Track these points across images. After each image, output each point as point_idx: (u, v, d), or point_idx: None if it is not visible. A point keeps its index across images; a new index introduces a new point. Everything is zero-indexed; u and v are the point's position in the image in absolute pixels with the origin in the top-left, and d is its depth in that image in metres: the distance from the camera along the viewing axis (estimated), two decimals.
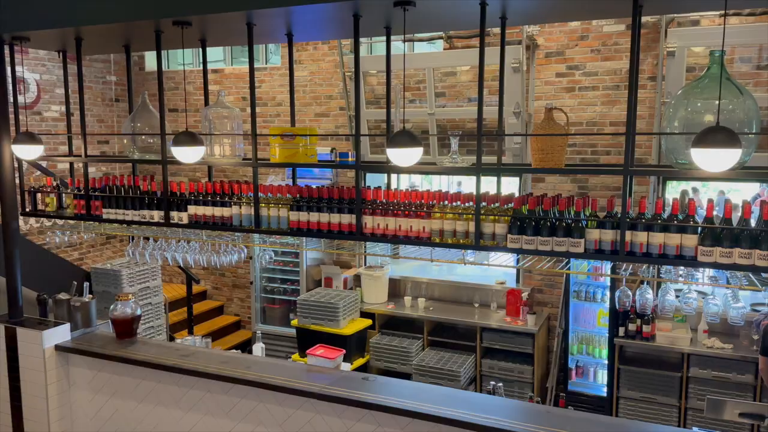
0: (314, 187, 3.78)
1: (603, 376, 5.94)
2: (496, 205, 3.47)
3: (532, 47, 6.02)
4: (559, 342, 6.05)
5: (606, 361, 5.80)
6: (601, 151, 6.01)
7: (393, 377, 4.10)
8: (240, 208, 3.87)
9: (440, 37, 6.46)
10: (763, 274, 4.26)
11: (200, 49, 4.25)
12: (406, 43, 6.54)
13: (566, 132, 3.38)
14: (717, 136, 2.48)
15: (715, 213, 2.99)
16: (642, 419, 5.42)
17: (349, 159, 3.81)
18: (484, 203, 3.43)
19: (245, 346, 7.52)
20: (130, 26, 3.72)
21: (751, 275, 3.14)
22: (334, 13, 3.37)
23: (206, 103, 4.32)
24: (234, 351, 4.62)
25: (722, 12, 2.93)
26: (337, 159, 3.87)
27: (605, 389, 5.81)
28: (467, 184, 7.09)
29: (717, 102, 2.72)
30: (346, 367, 5.06)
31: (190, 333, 6.89)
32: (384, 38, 3.69)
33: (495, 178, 3.59)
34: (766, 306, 5.39)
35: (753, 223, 2.89)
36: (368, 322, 6.36)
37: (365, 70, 6.65)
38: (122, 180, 4.26)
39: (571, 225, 3.21)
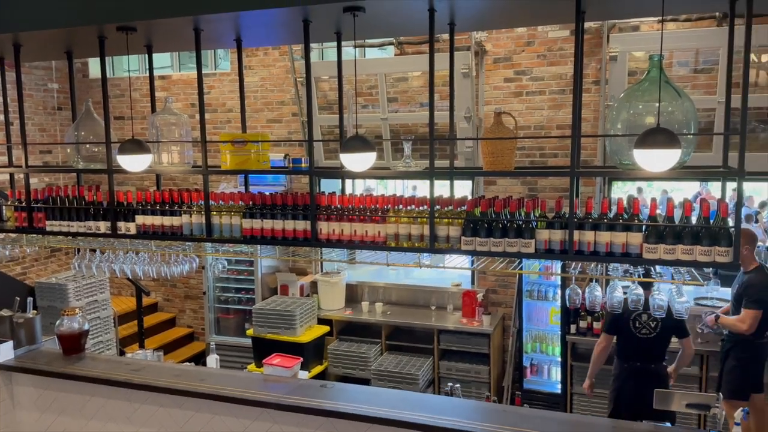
0: (268, 193, 3.73)
1: (557, 373, 6.07)
2: (450, 208, 3.51)
3: (481, 53, 6.13)
4: (513, 341, 6.16)
5: (559, 359, 5.93)
6: (549, 154, 6.16)
7: (352, 383, 4.09)
8: (190, 216, 3.79)
9: (391, 43, 6.51)
10: (705, 269, 4.46)
11: (146, 55, 4.15)
12: (357, 48, 6.57)
13: (515, 135, 3.45)
14: (657, 137, 2.58)
15: (658, 212, 3.10)
16: (595, 414, 5.56)
17: (303, 165, 3.79)
18: (438, 206, 3.46)
19: (199, 359, 7.35)
20: (71, 32, 3.61)
21: (693, 270, 3.27)
22: (284, 19, 3.35)
23: (153, 110, 4.22)
24: (187, 364, 4.52)
25: (660, 18, 3.05)
26: (291, 165, 3.85)
27: (559, 386, 5.94)
28: (422, 188, 7.15)
29: (657, 104, 2.83)
30: (304, 375, 5.02)
31: (141, 347, 6.69)
32: (335, 44, 3.69)
33: (448, 182, 3.63)
34: (709, 300, 5.62)
35: (694, 220, 3.02)
36: (326, 328, 6.32)
37: (317, 75, 6.63)
38: (66, 191, 4.11)
39: (521, 226, 3.27)
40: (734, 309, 4.77)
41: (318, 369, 6.14)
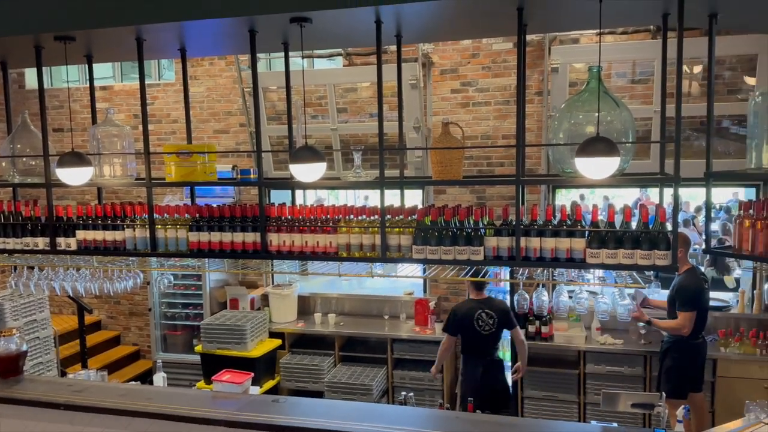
0: (215, 205, 3.67)
1: (508, 378, 6.15)
2: (401, 217, 3.53)
3: (428, 64, 6.21)
4: None
5: (509, 363, 6.02)
6: (496, 163, 6.29)
7: (305, 397, 4.04)
8: (134, 230, 3.68)
9: (339, 54, 6.53)
10: (646, 272, 4.62)
11: (86, 66, 4.02)
12: (305, 59, 6.56)
13: (462, 145, 3.51)
14: (597, 145, 2.67)
15: (600, 217, 3.21)
16: (545, 417, 5.67)
17: (252, 176, 3.75)
18: (389, 216, 3.48)
19: (146, 377, 7.12)
20: (5, 42, 3.47)
21: (634, 274, 3.40)
22: (229, 29, 3.32)
23: (94, 121, 4.09)
24: (133, 383, 4.38)
25: (598, 30, 3.18)
26: (239, 176, 3.80)
27: (510, 390, 6.02)
28: (374, 198, 7.17)
29: (596, 114, 2.94)
30: (255, 390, 4.93)
31: (84, 366, 6.43)
32: (283, 54, 3.68)
33: (399, 191, 3.66)
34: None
35: (634, 225, 3.14)
36: (277, 342, 6.23)
37: (265, 85, 6.57)
38: (2, 206, 3.93)
39: (470, 234, 3.33)
40: (670, 310, 4.96)
41: (270, 384, 6.04)
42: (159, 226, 3.65)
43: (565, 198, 6.96)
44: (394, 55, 3.60)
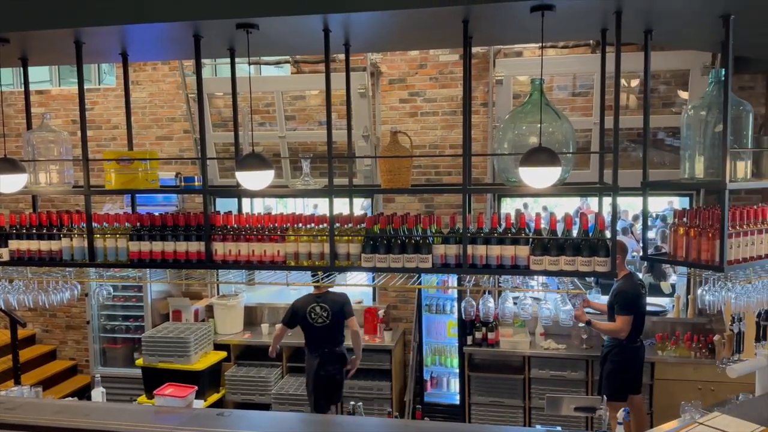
0: (157, 214, 3.57)
1: (455, 385, 6.22)
2: (350, 225, 3.53)
3: (377, 74, 6.25)
4: (414, 355, 6.25)
5: (457, 370, 6.09)
6: (444, 172, 6.38)
7: (251, 409, 3.97)
8: (71, 240, 3.54)
9: (287, 61, 6.48)
10: (587, 278, 4.77)
11: (21, 69, 3.85)
12: (252, 66, 6.48)
13: (411, 154, 3.54)
14: (540, 156, 2.75)
15: (542, 226, 3.30)
16: (492, 423, 5.75)
17: (196, 183, 3.67)
18: (337, 224, 3.47)
19: (83, 393, 6.82)
20: None
21: (576, 280, 3.50)
22: (173, 33, 3.25)
23: (29, 126, 3.91)
24: (70, 399, 4.19)
25: (540, 44, 3.28)
26: (182, 184, 3.71)
27: (458, 397, 6.09)
28: (323, 206, 7.12)
29: (539, 125, 3.03)
30: (199, 404, 4.81)
31: (17, 383, 6.10)
32: (229, 60, 3.63)
33: (348, 200, 3.65)
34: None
35: (575, 233, 3.24)
36: (222, 354, 6.10)
37: (210, 92, 6.46)
38: None
39: (419, 242, 3.36)
40: (609, 315, 5.13)
41: (215, 397, 5.90)
42: (98, 236, 3.52)
43: (510, 206, 7.10)
44: (342, 64, 3.60)
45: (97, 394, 4.58)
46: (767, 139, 3.53)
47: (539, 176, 2.78)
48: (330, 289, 5.17)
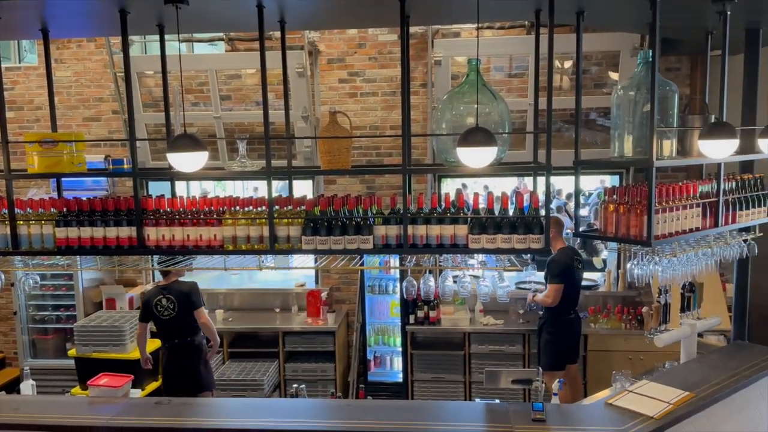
0: (85, 199, 3.41)
1: (398, 363, 6.30)
2: (290, 208, 3.48)
3: (315, 53, 6.15)
4: (357, 336, 6.28)
5: (400, 349, 6.17)
6: (385, 153, 6.38)
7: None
8: None
9: (221, 39, 6.28)
10: (523, 256, 4.89)
11: None
12: (184, 43, 6.24)
13: (351, 135, 3.51)
14: (477, 136, 2.78)
15: (481, 205, 3.35)
16: (434, 398, 5.87)
17: (125, 166, 3.52)
18: (277, 207, 3.42)
19: (13, 387, 6.50)
20: None
21: (512, 258, 3.59)
22: (97, 8, 3.09)
23: None
24: None
25: (476, 25, 3.30)
26: (111, 167, 3.55)
27: (401, 375, 6.18)
28: (264, 189, 6.99)
29: (476, 106, 3.06)
30: (137, 393, 4.68)
31: None
32: (159, 37, 3.47)
33: (287, 182, 3.59)
34: (528, 284, 6.19)
35: (511, 212, 3.31)
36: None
37: (140, 70, 6.18)
38: None
39: (360, 223, 3.35)
40: (545, 287, 5.31)
41: (153, 385, 5.74)
42: (21, 222, 3.34)
43: (450, 186, 7.19)
44: (278, 42, 3.51)
45: (27, 387, 4.39)
46: (692, 119, 3.70)
47: (476, 156, 2.81)
48: (180, 279, 4.99)
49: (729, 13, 3.34)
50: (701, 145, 3.28)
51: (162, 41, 3.44)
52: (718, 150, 3.22)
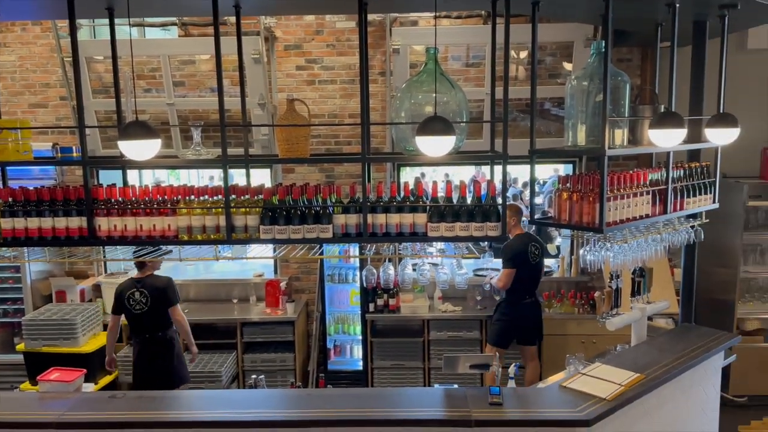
0: (32, 188, 3.28)
1: (358, 351, 6.33)
2: (247, 197, 3.43)
3: (271, 39, 6.05)
4: (317, 325, 6.27)
5: (360, 337, 6.19)
6: (344, 142, 6.34)
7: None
8: None
9: (174, 24, 6.11)
10: (481, 243, 4.96)
11: None
12: (135, 27, 6.05)
13: (309, 123, 3.48)
14: (435, 125, 2.79)
15: (439, 194, 3.38)
16: (394, 385, 5.92)
17: (75, 154, 3.40)
18: (233, 196, 3.36)
19: None
20: None
21: (470, 245, 3.63)
22: None
23: None
24: None
25: (434, 13, 3.30)
26: (59, 155, 3.42)
27: (361, 363, 6.20)
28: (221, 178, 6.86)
29: (434, 95, 3.07)
30: (90, 387, 4.57)
31: None
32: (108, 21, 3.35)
33: (245, 170, 3.54)
34: (486, 270, 6.29)
35: (469, 200, 3.34)
36: None
37: (89, 55, 5.97)
38: None
39: (319, 212, 3.33)
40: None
41: (107, 379, 5.62)
42: None
43: (410, 175, 7.22)
44: (234, 27, 3.43)
45: None
46: (642, 108, 3.80)
47: (434, 145, 2.82)
48: (155, 273, 4.89)
49: (678, 5, 3.45)
50: (651, 135, 3.38)
51: (112, 25, 3.32)
52: (667, 139, 3.33)
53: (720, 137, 3.72)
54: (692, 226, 4.08)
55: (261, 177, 6.46)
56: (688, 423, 3.97)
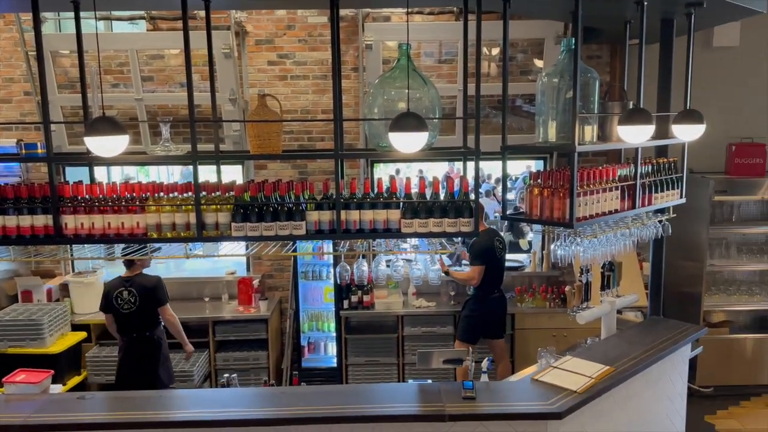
0: None
1: (333, 348, 6.31)
2: (218, 194, 3.39)
3: (242, 34, 5.98)
4: (291, 323, 6.23)
5: (335, 334, 6.17)
6: (317, 138, 6.31)
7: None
8: None
9: (142, 18, 5.99)
10: (454, 239, 4.99)
11: None
12: (102, 21, 5.92)
13: (280, 118, 3.45)
14: (408, 121, 2.79)
15: (413, 190, 3.38)
16: (368, 381, 5.92)
17: (40, 151, 3.32)
18: (204, 193, 3.32)
19: None
20: None
21: (443, 241, 3.65)
22: None
23: None
24: None
25: (407, 9, 3.30)
26: (24, 152, 3.33)
27: (335, 360, 6.19)
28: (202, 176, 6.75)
29: (407, 91, 3.07)
30: (58, 389, 4.47)
31: None
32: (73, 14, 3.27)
33: (215, 167, 3.49)
34: (459, 267, 6.33)
35: (442, 196, 3.36)
36: (82, 335, 5.68)
37: (54, 49, 5.81)
38: None
39: (292, 209, 3.31)
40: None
41: (76, 380, 5.51)
42: None
43: (384, 172, 7.21)
44: (203, 22, 3.38)
45: None
46: (611, 105, 3.86)
47: (407, 141, 2.82)
48: (144, 271, 4.80)
49: (646, 3, 3.50)
50: (620, 131, 3.43)
51: (77, 18, 3.24)
52: (636, 135, 3.39)
53: (686, 133, 3.80)
54: (660, 221, 4.16)
55: (233, 174, 6.39)
56: (656, 413, 4.06)
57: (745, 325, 6.15)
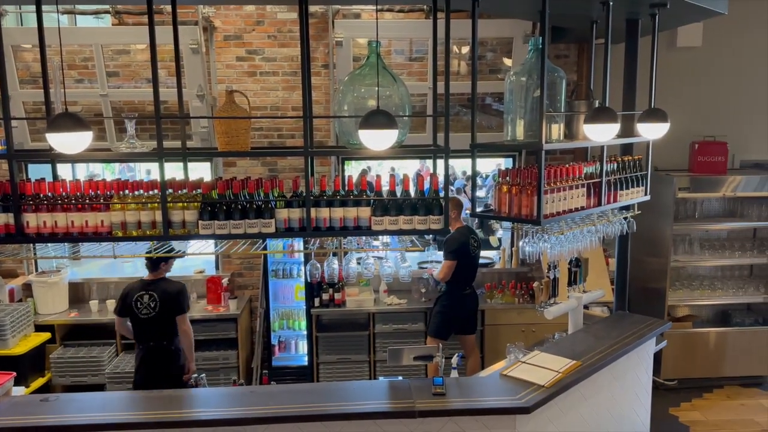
0: None
1: (304, 347, 6.28)
2: (185, 191, 3.34)
3: (210, 29, 5.89)
4: (261, 321, 6.18)
5: (305, 332, 6.15)
6: (287, 135, 6.26)
7: (84, 392, 3.67)
8: None
9: (107, 12, 5.86)
10: (425, 236, 5.01)
11: None
12: (66, 15, 5.78)
13: (249, 115, 3.41)
14: (378, 118, 2.79)
15: (383, 188, 3.38)
16: (339, 379, 5.91)
17: (0, 147, 3.22)
18: (170, 190, 3.27)
19: None
20: None
21: (414, 238, 3.66)
22: None
23: None
24: None
25: (376, 6, 3.29)
26: None
27: (306, 358, 6.16)
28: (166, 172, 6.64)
29: (377, 89, 3.06)
30: (20, 391, 4.36)
31: None
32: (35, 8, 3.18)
33: (182, 164, 3.43)
34: (430, 263, 6.36)
35: (412, 194, 3.36)
36: (46, 335, 5.54)
37: (15, 43, 5.65)
38: None
39: (261, 207, 3.28)
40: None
41: (40, 382, 5.38)
42: None
43: (355, 169, 7.20)
44: (170, 17, 3.32)
45: None
46: (578, 104, 3.92)
47: (377, 139, 2.82)
48: (166, 275, 4.61)
49: (611, 3, 3.56)
50: (586, 129, 3.49)
51: (39, 12, 3.15)
52: (602, 133, 3.44)
53: (651, 131, 3.88)
54: (625, 218, 4.25)
55: (202, 171, 6.30)
56: (622, 406, 4.14)
57: (708, 319, 6.32)
